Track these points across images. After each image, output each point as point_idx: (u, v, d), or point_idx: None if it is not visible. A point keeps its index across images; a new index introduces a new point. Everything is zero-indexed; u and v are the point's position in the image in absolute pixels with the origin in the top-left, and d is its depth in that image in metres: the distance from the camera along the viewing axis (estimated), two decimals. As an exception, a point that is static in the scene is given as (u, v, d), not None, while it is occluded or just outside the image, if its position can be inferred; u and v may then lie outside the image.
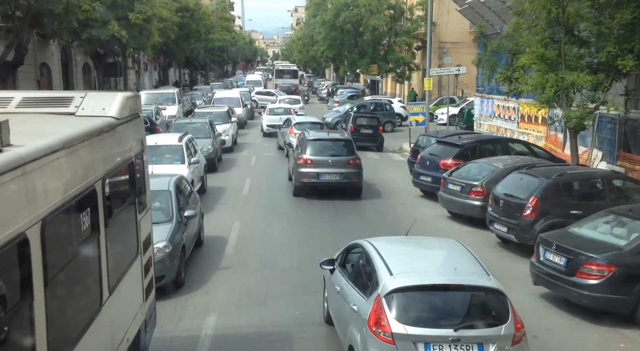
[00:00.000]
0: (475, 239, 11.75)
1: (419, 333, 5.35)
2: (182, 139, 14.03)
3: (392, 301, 5.52)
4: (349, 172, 14.73)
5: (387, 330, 5.39)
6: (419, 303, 5.66)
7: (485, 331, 5.43)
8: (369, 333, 5.50)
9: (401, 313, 5.48)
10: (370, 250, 6.34)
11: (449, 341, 5.29)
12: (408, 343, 5.33)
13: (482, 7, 21.62)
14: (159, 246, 8.49)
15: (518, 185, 10.94)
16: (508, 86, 14.23)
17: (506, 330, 5.44)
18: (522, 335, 5.56)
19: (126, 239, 5.62)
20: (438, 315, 5.60)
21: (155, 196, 9.51)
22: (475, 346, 5.34)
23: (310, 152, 14.85)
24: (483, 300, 5.86)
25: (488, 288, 5.73)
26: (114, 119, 5.32)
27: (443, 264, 6.44)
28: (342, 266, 7.07)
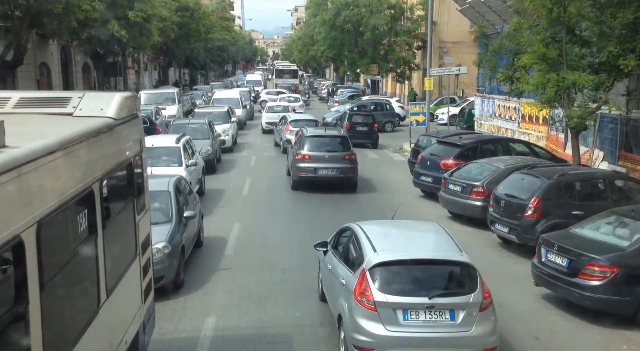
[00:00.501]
0: (476, 240, 11.71)
1: (398, 301, 6.07)
2: (180, 141, 13.91)
3: (375, 274, 6.22)
4: (344, 167, 15.46)
5: (370, 299, 6.09)
6: (398, 275, 6.35)
7: (455, 299, 6.13)
8: (355, 302, 6.20)
9: (383, 284, 6.17)
10: (359, 231, 7.11)
11: (424, 308, 6.02)
12: (388, 310, 6.04)
13: (483, 6, 21.56)
14: (158, 246, 8.44)
15: (519, 185, 10.89)
16: (509, 85, 14.17)
17: (474, 298, 6.12)
18: (489, 303, 6.24)
19: (124, 240, 5.57)
20: (415, 285, 6.29)
21: (154, 196, 9.45)
22: (447, 312, 6.05)
23: (307, 148, 15.53)
24: (455, 272, 6.55)
25: (459, 262, 6.45)
26: (112, 120, 5.26)
27: (421, 243, 7.30)
28: (335, 247, 7.75)
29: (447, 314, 6.06)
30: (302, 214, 13.57)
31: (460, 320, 6.04)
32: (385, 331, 6.02)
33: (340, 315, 6.60)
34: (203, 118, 19.49)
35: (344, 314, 6.43)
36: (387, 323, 6.03)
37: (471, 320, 6.06)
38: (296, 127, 20.48)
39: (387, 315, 6.03)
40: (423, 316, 6.02)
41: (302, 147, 15.64)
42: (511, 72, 13.15)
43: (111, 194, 5.02)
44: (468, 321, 6.05)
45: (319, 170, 15.41)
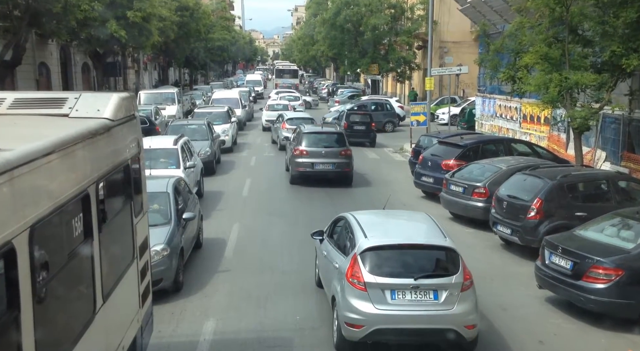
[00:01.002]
0: (478, 241, 11.61)
1: (386, 282, 6.58)
2: (178, 142, 13.75)
3: (365, 257, 6.75)
4: (340, 162, 16.23)
5: (361, 280, 6.61)
6: (387, 259, 6.85)
7: (439, 280, 6.64)
8: (347, 283, 6.73)
9: (372, 267, 6.68)
10: (352, 220, 7.66)
11: (410, 289, 6.53)
12: (377, 290, 6.55)
13: (484, 6, 21.44)
14: (157, 249, 8.34)
15: (522, 186, 10.78)
16: (511, 85, 14.05)
17: (456, 279, 6.60)
18: (469, 284, 6.72)
19: (121, 244, 5.47)
20: (402, 268, 6.78)
21: (153, 198, 9.35)
22: (431, 292, 6.56)
23: (305, 144, 16.27)
24: (439, 256, 7.07)
25: (443, 247, 6.98)
26: (108, 121, 5.16)
27: (409, 229, 7.77)
28: (330, 236, 8.28)
29: (431, 294, 6.57)
30: (302, 215, 13.46)
31: (443, 299, 6.54)
32: (374, 310, 6.53)
33: (333, 296, 7.13)
34: (202, 119, 19.28)
35: (337, 295, 6.96)
36: (376, 302, 6.53)
37: (453, 299, 6.54)
38: (292, 125, 21.22)
39: (376, 295, 6.55)
40: (409, 296, 6.55)
41: (300, 143, 16.33)
42: (513, 72, 13.04)
43: (108, 197, 4.92)
44: (450, 300, 6.54)
45: (316, 165, 16.11)
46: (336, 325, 6.94)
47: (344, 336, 6.74)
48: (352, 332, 6.64)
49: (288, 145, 18.41)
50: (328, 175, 16.24)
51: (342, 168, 16.19)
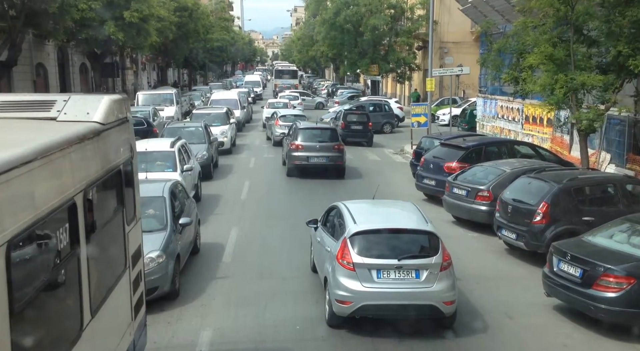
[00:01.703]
0: (482, 245, 11.35)
1: (372, 262, 7.23)
2: (175, 145, 13.43)
3: (354, 241, 7.40)
4: (333, 156, 17.43)
5: (350, 261, 7.25)
6: (373, 242, 7.48)
7: (420, 261, 7.30)
8: (337, 264, 7.36)
9: (360, 249, 7.33)
10: (343, 208, 8.28)
11: (394, 268, 7.18)
12: (364, 270, 7.20)
13: (486, 6, 21.19)
14: (152, 256, 8.08)
15: (527, 190, 10.52)
16: (514, 86, 13.79)
17: (436, 260, 7.26)
18: (448, 264, 7.39)
19: (112, 254, 5.20)
20: (387, 249, 7.40)
21: (148, 202, 9.12)
22: (413, 271, 7.22)
23: (301, 139, 17.45)
24: (421, 239, 7.69)
25: (425, 231, 7.65)
26: (99, 125, 4.90)
27: (394, 216, 8.48)
28: (324, 224, 8.87)
29: (413, 273, 7.23)
30: (302, 218, 13.01)
31: (424, 277, 7.21)
32: (362, 287, 7.18)
33: (326, 277, 7.79)
34: (199, 121, 18.80)
35: (329, 275, 7.60)
36: (363, 280, 7.20)
37: (433, 278, 7.21)
38: (285, 122, 22.68)
39: (364, 274, 7.21)
40: (393, 275, 7.22)
41: (295, 138, 17.52)
42: (517, 72, 12.77)
43: (97, 206, 4.65)
44: (430, 278, 7.20)
45: (311, 158, 17.32)
46: (328, 305, 7.59)
47: (335, 312, 7.43)
48: (341, 308, 7.31)
49: (284, 140, 19.46)
50: (322, 167, 17.33)
51: (335, 161, 17.40)
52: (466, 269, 9.93)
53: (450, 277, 7.37)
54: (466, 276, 9.62)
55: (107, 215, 5.05)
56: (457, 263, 10.23)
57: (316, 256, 8.97)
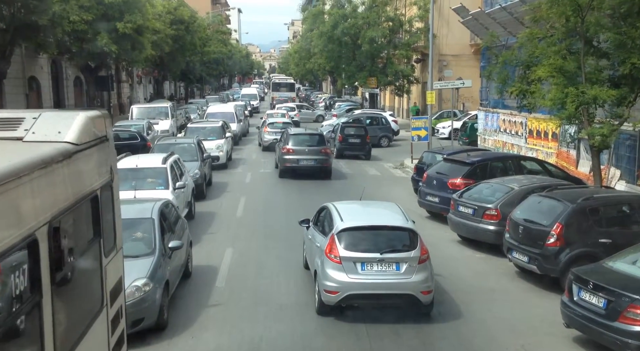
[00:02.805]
0: (490, 268, 10.73)
1: (357, 256, 7.95)
2: (167, 161, 12.76)
3: (341, 237, 8.11)
4: (321, 158, 19.27)
5: (337, 255, 7.96)
6: (358, 237, 8.18)
7: (400, 255, 8.00)
8: (325, 258, 8.07)
9: (347, 244, 8.03)
10: (332, 208, 9.02)
11: (376, 261, 7.89)
12: (350, 263, 7.92)
13: (487, 18, 20.78)
14: (138, 284, 7.45)
15: (539, 210, 9.93)
16: (521, 100, 13.27)
17: (414, 254, 7.97)
18: (425, 258, 8.07)
19: (85, 294, 4.58)
20: (370, 244, 8.09)
21: (136, 224, 8.52)
22: (394, 264, 7.92)
23: (291, 144, 19.29)
24: (401, 235, 8.34)
25: (405, 228, 8.34)
26: (71, 145, 4.31)
27: (378, 215, 9.20)
28: (315, 223, 9.56)
29: (394, 265, 7.92)
30: (300, 238, 12.54)
31: (403, 270, 7.92)
32: (347, 278, 7.89)
33: (315, 270, 8.49)
34: (191, 137, 18.03)
35: (318, 268, 8.31)
36: (349, 272, 7.91)
37: (412, 270, 7.91)
38: (273, 129, 25.38)
39: (349, 267, 7.91)
40: (376, 267, 7.92)
41: (287, 143, 19.39)
42: (525, 85, 12.24)
43: (66, 239, 4.04)
44: (409, 270, 7.91)
45: (300, 161, 19.12)
46: (317, 295, 8.32)
47: (323, 302, 8.14)
48: (329, 297, 8.01)
49: (277, 145, 21.35)
50: (311, 169, 19.22)
51: (322, 163, 19.27)
52: (476, 295, 9.33)
53: (427, 269, 8.11)
54: (477, 302, 9.01)
55: (79, 249, 4.43)
56: (466, 287, 9.68)
57: (307, 252, 9.74)
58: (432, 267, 8.32)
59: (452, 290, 9.46)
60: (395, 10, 41.15)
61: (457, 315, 8.54)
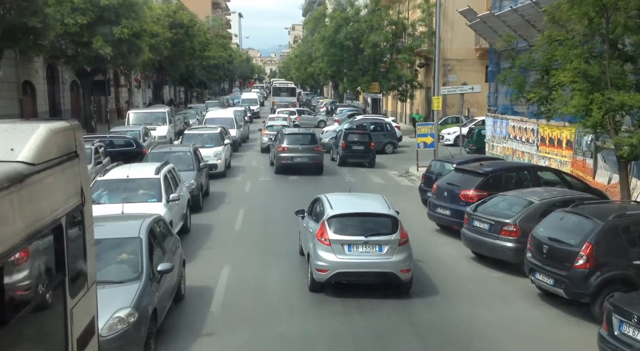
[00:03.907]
0: (510, 290, 9.85)
1: (345, 238, 8.95)
2: (160, 171, 11.90)
3: (331, 222, 9.09)
4: (314, 156, 21.02)
5: (327, 238, 8.95)
6: (346, 223, 9.17)
7: (382, 238, 8.96)
8: (317, 241, 9.06)
9: (336, 229, 9.04)
10: (324, 198, 10.07)
11: (362, 243, 8.90)
12: (338, 245, 8.89)
13: (496, 21, 19.98)
14: (121, 315, 6.60)
15: (564, 227, 9.08)
16: (540, 107, 12.42)
17: (395, 237, 8.97)
18: (405, 241, 9.09)
19: (41, 345, 3.72)
20: (356, 229, 9.09)
21: (122, 244, 7.69)
22: (377, 246, 8.92)
23: (286, 143, 20.99)
24: (383, 221, 9.30)
25: (387, 215, 9.36)
26: (25, 166, 3.48)
27: (364, 204, 10.20)
28: (309, 213, 10.49)
29: (377, 247, 8.95)
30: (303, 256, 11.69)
31: (385, 251, 8.92)
32: (336, 258, 8.89)
33: (309, 253, 9.48)
34: (187, 145, 17.04)
35: (310, 250, 9.32)
36: (337, 253, 8.90)
37: (392, 251, 8.91)
38: (271, 131, 26.34)
39: (337, 248, 8.92)
40: (361, 249, 8.96)
41: (282, 142, 21.07)
42: (545, 91, 11.40)
43: (12, 285, 3.20)
44: (390, 252, 8.91)
45: (295, 158, 20.74)
46: (309, 272, 9.31)
47: (315, 279, 9.16)
48: (320, 275, 9.03)
49: (272, 145, 23.09)
50: (304, 166, 20.77)
51: (314, 160, 20.95)
52: (498, 322, 8.47)
53: (407, 251, 9.12)
54: (500, 331, 8.14)
55: (31, 294, 3.59)
56: (486, 312, 8.82)
57: (302, 239, 10.71)
58: (412, 249, 9.39)
59: (470, 317, 8.61)
60: (399, 14, 40.39)
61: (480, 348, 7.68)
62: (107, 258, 7.44)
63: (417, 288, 9.72)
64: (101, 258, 7.47)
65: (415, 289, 9.58)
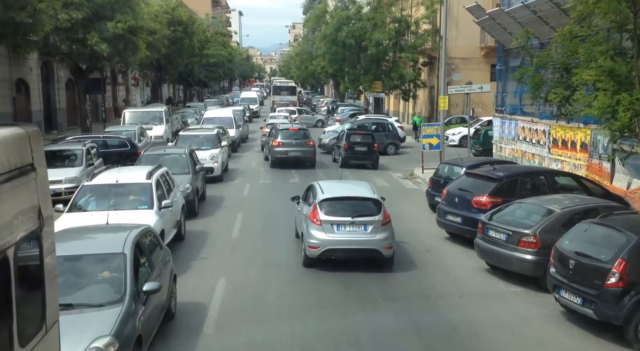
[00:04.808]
0: (531, 308, 9.04)
1: (334, 219, 10.19)
2: (152, 176, 11.06)
3: (322, 205, 10.34)
4: (307, 150, 22.30)
5: (318, 218, 10.19)
6: (335, 206, 10.39)
7: (367, 218, 10.21)
8: (309, 221, 10.30)
9: (326, 211, 10.27)
10: (316, 185, 11.27)
11: (349, 224, 10.18)
12: (328, 225, 10.14)
13: (506, 17, 19.13)
14: (99, 345, 5.80)
15: (593, 240, 8.28)
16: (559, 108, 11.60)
17: (378, 218, 10.23)
18: (387, 221, 10.34)
19: None
20: (344, 211, 10.32)
21: (103, 261, 6.89)
22: (362, 226, 10.17)
23: (280, 138, 22.25)
24: (368, 204, 10.54)
25: (371, 198, 10.63)
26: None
27: (352, 189, 11.55)
28: (304, 199, 11.55)
29: (362, 227, 10.12)
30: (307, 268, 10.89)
31: (370, 230, 10.09)
32: (326, 236, 10.04)
33: (302, 233, 10.71)
34: (182, 147, 16.07)
35: (304, 230, 10.45)
36: (327, 232, 10.07)
37: (376, 230, 10.08)
38: (270, 128, 26.51)
39: (327, 228, 10.07)
40: (348, 228, 10.13)
41: (276, 137, 22.35)
42: (568, 91, 10.58)
43: None
44: (374, 231, 10.08)
45: (289, 152, 22.00)
46: (303, 250, 10.47)
47: (307, 256, 10.27)
48: (312, 252, 10.14)
49: (266, 140, 24.62)
50: (298, 160, 22.07)
51: (307, 154, 22.30)
52: (518, 345, 7.69)
53: (388, 230, 10.29)
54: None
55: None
56: (504, 332, 8.03)
57: (297, 221, 11.82)
58: (393, 228, 10.52)
59: (488, 338, 7.82)
60: (402, 11, 39.52)
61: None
62: (85, 277, 6.66)
63: (430, 303, 8.93)
64: (79, 277, 6.70)
65: (428, 304, 8.80)
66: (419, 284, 9.97)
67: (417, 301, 9.21)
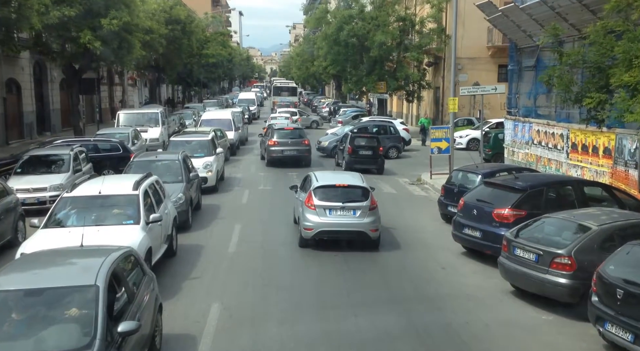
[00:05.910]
0: (566, 339, 7.92)
1: (326, 204, 11.58)
2: (140, 186, 9.89)
3: (316, 192, 11.76)
4: (302, 149, 22.91)
5: (312, 204, 11.59)
6: (328, 193, 11.81)
7: (356, 204, 11.62)
8: (305, 206, 11.73)
9: (320, 197, 11.68)
10: (312, 174, 12.78)
11: (340, 208, 11.57)
12: (321, 209, 11.52)
13: (521, 14, 18.00)
14: (58, 408, 4.66)
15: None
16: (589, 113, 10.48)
17: (366, 203, 11.63)
18: (374, 207, 11.74)
19: None
20: (336, 197, 11.76)
21: (70, 295, 5.77)
22: (352, 210, 11.55)
23: (276, 137, 22.91)
24: (357, 191, 11.96)
25: (360, 186, 12.05)
26: None
27: (343, 178, 12.78)
28: (301, 187, 12.97)
29: (351, 211, 11.55)
30: (310, 286, 9.76)
31: (358, 214, 11.53)
32: (319, 219, 11.49)
33: (298, 217, 12.22)
34: (175, 153, 14.68)
35: (300, 215, 11.93)
36: (320, 215, 11.51)
37: (364, 214, 11.53)
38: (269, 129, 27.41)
39: (321, 212, 11.51)
40: (339, 212, 11.57)
41: (272, 137, 23.04)
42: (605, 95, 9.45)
43: None
44: (362, 215, 11.52)
45: (285, 151, 22.57)
46: (299, 231, 11.84)
47: (302, 237, 11.67)
48: (306, 233, 11.56)
49: (262, 141, 25.24)
50: (294, 158, 22.56)
51: (303, 153, 22.81)
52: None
53: (375, 214, 11.59)
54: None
55: None
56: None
57: (295, 208, 13.03)
58: (379, 213, 11.80)
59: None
60: (406, 10, 38.41)
61: None
62: (48, 316, 5.53)
63: (452, 333, 7.83)
64: (40, 316, 5.58)
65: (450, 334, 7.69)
66: (439, 310, 8.84)
67: (438, 330, 8.09)
